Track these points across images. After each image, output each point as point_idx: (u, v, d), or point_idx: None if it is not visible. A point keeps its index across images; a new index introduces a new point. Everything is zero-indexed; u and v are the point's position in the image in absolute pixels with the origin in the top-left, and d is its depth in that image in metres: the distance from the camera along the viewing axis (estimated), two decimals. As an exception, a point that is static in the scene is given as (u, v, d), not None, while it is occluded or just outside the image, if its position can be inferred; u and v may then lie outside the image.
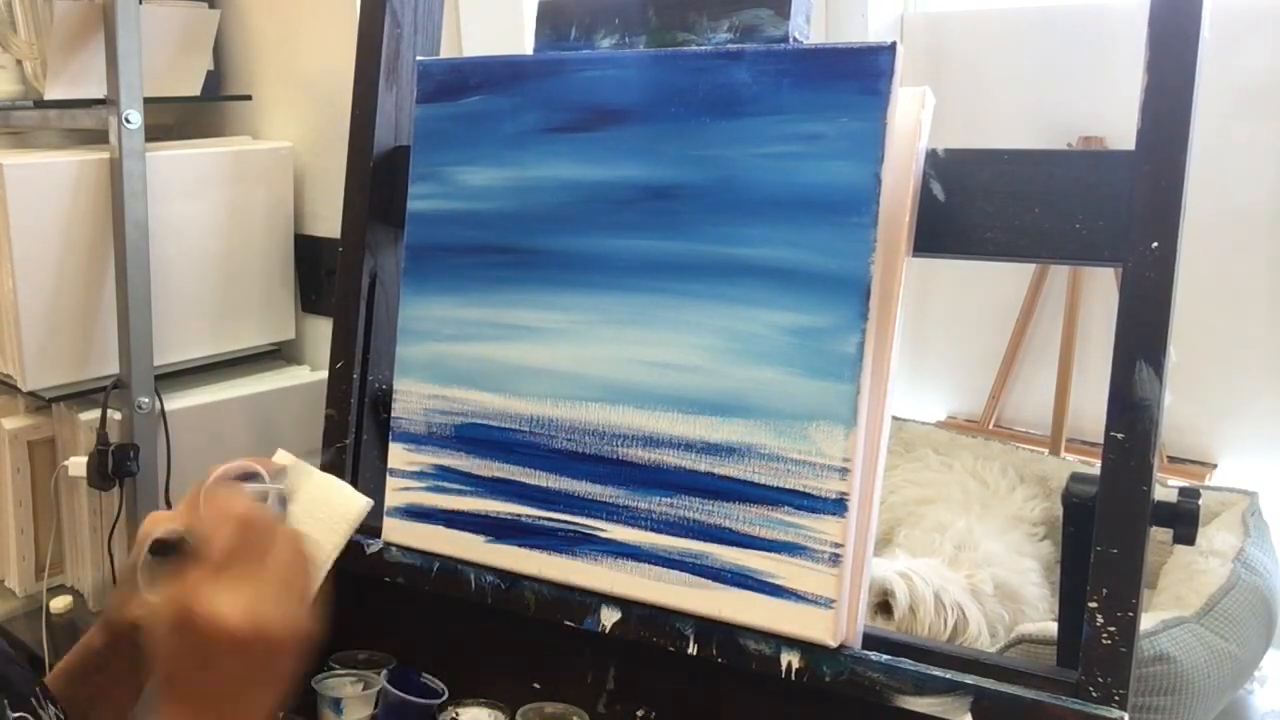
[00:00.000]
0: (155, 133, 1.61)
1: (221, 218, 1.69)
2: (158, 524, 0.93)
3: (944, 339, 2.11)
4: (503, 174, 1.08)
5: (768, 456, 0.93)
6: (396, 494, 1.13)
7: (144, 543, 0.92)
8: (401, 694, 1.06)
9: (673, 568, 0.97)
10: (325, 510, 0.94)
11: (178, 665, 0.70)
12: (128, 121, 1.50)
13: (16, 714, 0.75)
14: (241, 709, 0.70)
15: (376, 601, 1.18)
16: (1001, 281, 2.00)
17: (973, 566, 1.46)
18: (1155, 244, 0.86)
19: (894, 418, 1.29)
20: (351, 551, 1.14)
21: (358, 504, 0.92)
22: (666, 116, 1.00)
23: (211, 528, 0.73)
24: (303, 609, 0.74)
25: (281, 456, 0.97)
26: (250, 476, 0.98)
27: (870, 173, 0.90)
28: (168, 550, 0.96)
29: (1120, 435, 0.86)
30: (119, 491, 1.57)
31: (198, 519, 0.75)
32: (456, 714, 1.07)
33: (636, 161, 1.01)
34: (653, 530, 0.98)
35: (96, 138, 1.63)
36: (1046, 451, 1.83)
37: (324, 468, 1.23)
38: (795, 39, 0.98)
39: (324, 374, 1.29)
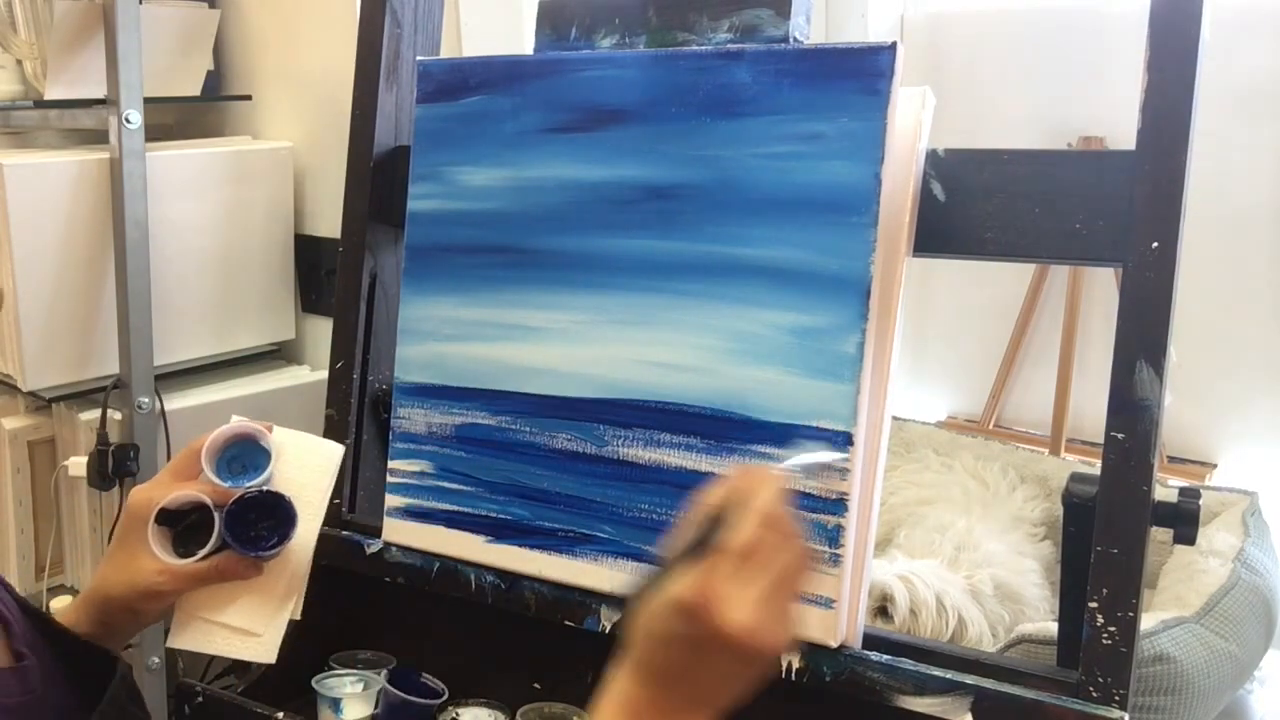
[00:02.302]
0: (155, 133, 1.61)
1: (221, 218, 1.69)
2: (143, 494, 0.97)
3: (944, 339, 2.11)
4: (503, 174, 1.08)
5: (768, 456, 0.93)
6: (396, 494, 1.13)
7: (138, 514, 0.94)
8: (401, 694, 1.06)
9: (673, 568, 0.97)
10: (310, 457, 1.07)
11: (667, 645, 0.68)
12: (128, 121, 1.50)
13: None
14: (712, 696, 0.70)
15: (376, 601, 1.18)
16: (1001, 281, 2.01)
17: (973, 567, 1.46)
18: (1155, 244, 0.86)
19: (894, 418, 1.29)
20: (352, 551, 1.14)
21: (335, 447, 1.05)
22: (667, 116, 1.00)
23: (737, 518, 0.69)
24: (794, 619, 0.71)
25: (236, 420, 1.02)
26: (245, 437, 1.02)
27: (870, 173, 0.90)
28: (173, 519, 0.99)
29: (1120, 435, 0.86)
30: (119, 491, 1.57)
31: (730, 496, 0.71)
32: (456, 714, 1.07)
33: (637, 161, 1.01)
34: (653, 530, 0.98)
35: (96, 138, 1.63)
36: (1046, 451, 1.83)
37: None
38: (795, 39, 0.98)
39: (324, 374, 1.29)
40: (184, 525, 1.00)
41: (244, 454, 1.05)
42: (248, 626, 1.03)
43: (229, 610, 1.03)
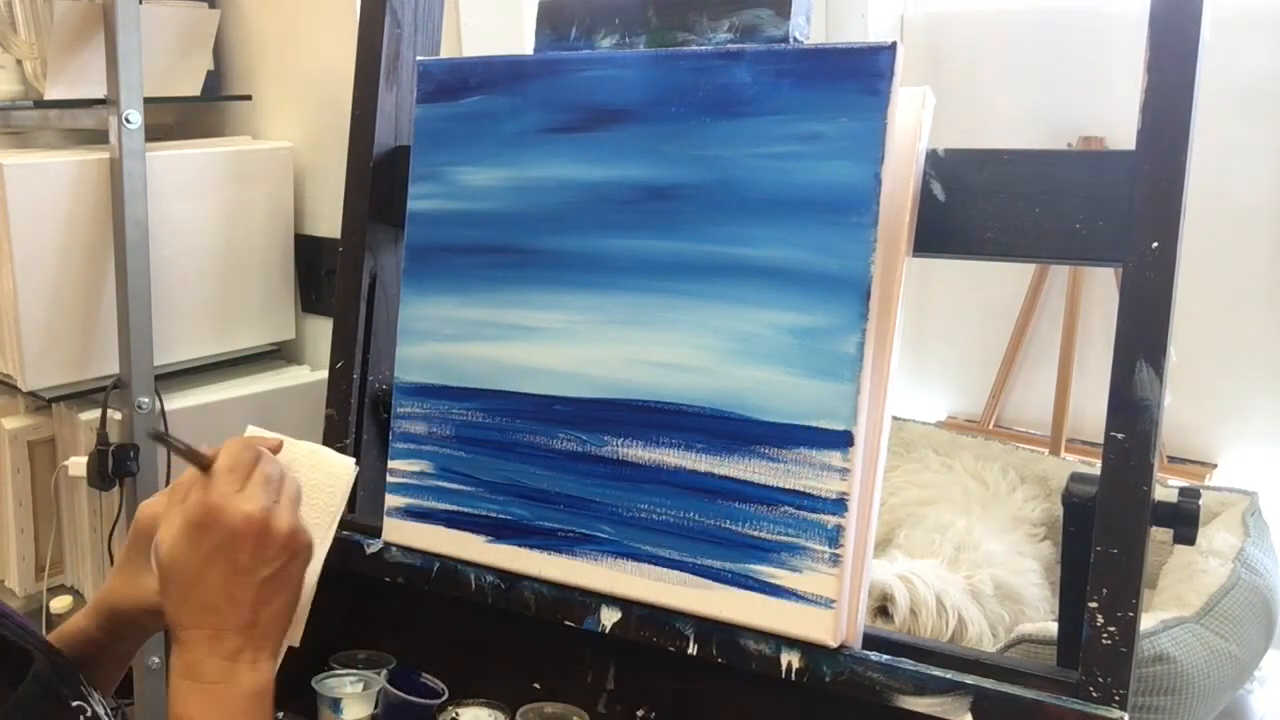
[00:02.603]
0: (155, 133, 1.61)
1: (221, 218, 1.69)
2: (150, 509, 0.96)
3: (944, 339, 2.11)
4: (503, 174, 1.08)
5: (768, 457, 0.93)
6: (396, 494, 1.13)
7: (145, 529, 0.94)
8: (401, 694, 1.06)
9: (673, 568, 0.97)
10: (320, 475, 1.04)
11: (198, 574, 0.76)
12: (128, 121, 1.50)
13: (75, 703, 0.77)
14: (267, 618, 0.77)
15: (376, 601, 1.18)
16: (1001, 281, 2.01)
17: (973, 567, 1.46)
18: (1155, 244, 0.86)
19: (894, 418, 1.29)
20: (351, 551, 1.14)
21: (347, 464, 1.02)
22: (667, 116, 1.00)
23: (230, 451, 0.81)
24: (294, 512, 0.81)
25: (252, 432, 1.00)
26: None
27: (870, 173, 0.90)
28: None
29: (1120, 435, 0.86)
30: (119, 491, 1.57)
31: (215, 451, 0.82)
32: (456, 714, 1.07)
33: (637, 161, 1.01)
34: (653, 530, 0.98)
35: (96, 138, 1.63)
36: (1046, 451, 1.83)
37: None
38: (795, 39, 0.98)
39: (324, 374, 1.29)
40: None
41: None
42: None
43: None
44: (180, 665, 0.76)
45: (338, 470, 1.03)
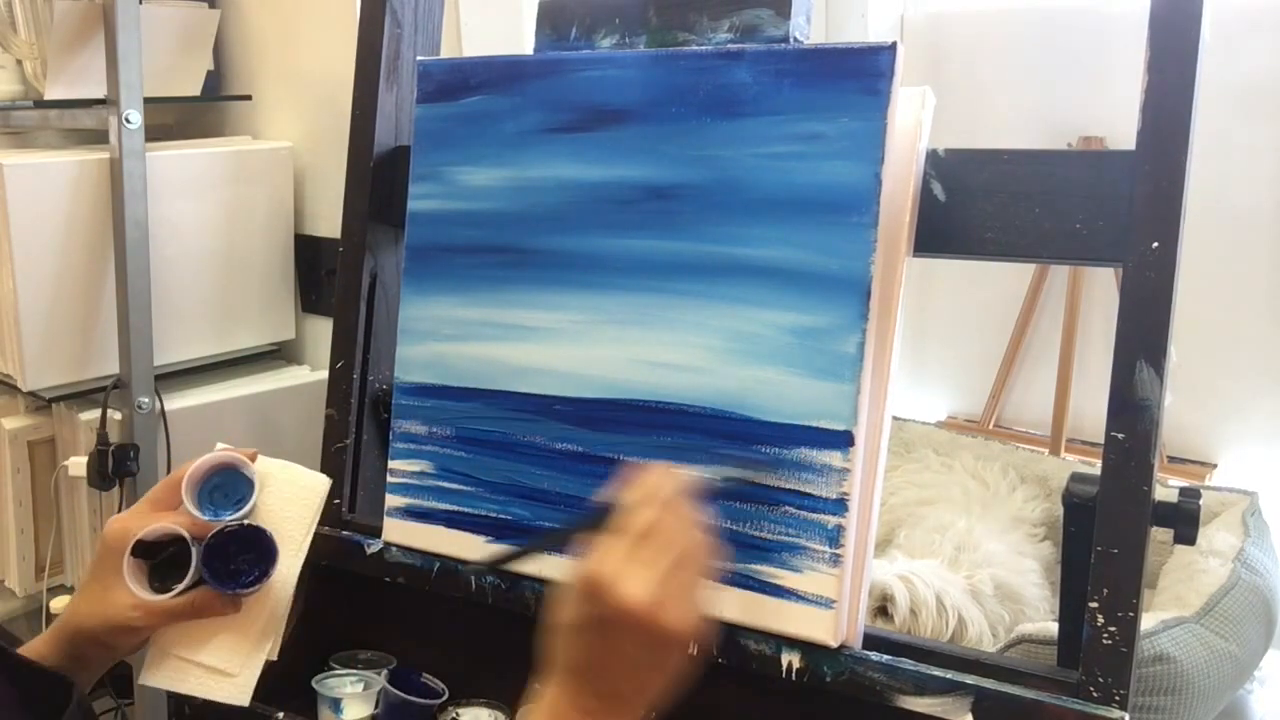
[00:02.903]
0: (155, 133, 1.61)
1: (221, 218, 1.69)
2: (120, 524, 0.93)
3: (944, 339, 2.11)
4: (503, 174, 1.08)
5: (768, 457, 0.93)
6: (396, 494, 1.13)
7: (115, 545, 0.91)
8: (401, 694, 1.06)
9: (673, 568, 0.97)
10: (294, 489, 1.02)
11: (576, 633, 0.71)
12: (128, 121, 1.50)
13: None
14: (630, 688, 0.71)
15: (376, 601, 1.18)
16: (1001, 281, 2.01)
17: (973, 567, 1.46)
18: (1155, 244, 0.86)
19: (894, 418, 1.29)
20: (351, 551, 1.14)
21: (321, 480, 1.01)
22: (667, 116, 1.00)
23: (636, 504, 0.72)
24: (700, 606, 0.73)
25: (220, 448, 0.99)
26: (225, 467, 0.99)
27: (870, 173, 0.90)
28: (150, 552, 0.95)
29: (1120, 435, 0.86)
30: (119, 491, 1.57)
31: (625, 490, 0.74)
32: (456, 714, 1.07)
33: (637, 161, 1.01)
34: (653, 530, 0.98)
35: (96, 138, 1.63)
36: (1046, 451, 1.83)
37: (324, 468, 1.23)
38: (795, 39, 0.98)
39: (324, 374, 1.29)
40: (162, 558, 0.96)
41: (227, 484, 1.00)
42: (222, 666, 0.99)
43: (204, 649, 0.99)
44: (549, 694, 0.72)
45: (312, 484, 1.02)
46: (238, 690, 0.99)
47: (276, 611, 1.00)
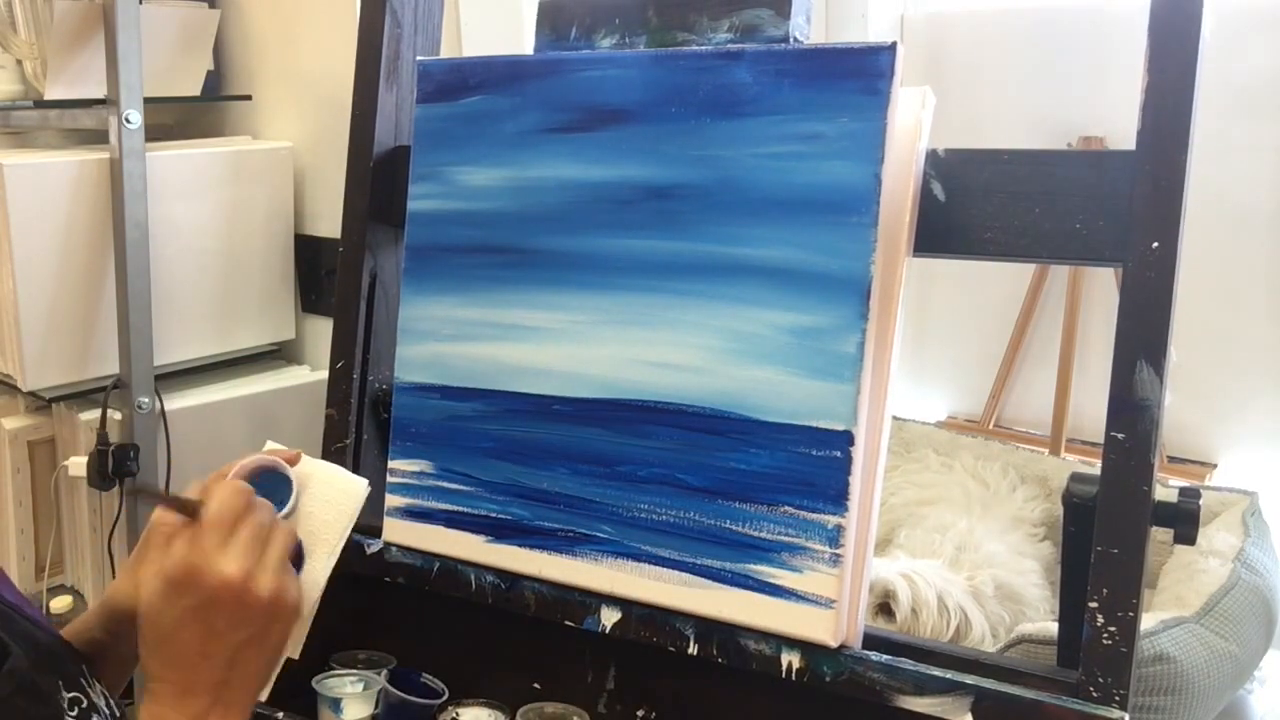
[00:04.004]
0: (155, 133, 1.61)
1: (221, 218, 1.69)
2: (170, 515, 0.94)
3: (944, 339, 2.11)
4: (503, 174, 1.08)
5: (767, 457, 0.93)
6: (396, 494, 1.13)
7: (155, 535, 0.93)
8: (401, 694, 1.06)
9: (673, 568, 0.97)
10: (333, 492, 1.02)
11: (173, 630, 0.73)
12: (128, 121, 1.50)
13: (70, 694, 0.76)
14: (238, 680, 0.74)
15: (376, 601, 1.18)
16: (1001, 281, 2.00)
17: (973, 568, 1.46)
18: (1155, 244, 0.86)
19: (894, 418, 1.29)
20: (351, 551, 1.14)
21: (360, 484, 0.99)
22: (667, 116, 1.00)
23: (220, 499, 0.77)
24: (294, 583, 0.78)
25: (271, 447, 0.99)
26: (266, 469, 0.99)
27: (870, 173, 0.90)
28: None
29: (1120, 435, 0.86)
30: (119, 491, 1.57)
31: (204, 492, 0.79)
32: (456, 714, 1.07)
33: (637, 161, 1.01)
34: (653, 530, 0.98)
35: (96, 138, 1.63)
36: (1046, 451, 1.83)
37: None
38: (795, 39, 0.98)
39: (324, 374, 1.29)
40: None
41: (271, 485, 1.01)
42: None
43: None
44: (146, 714, 0.74)
45: (351, 489, 1.02)
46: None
47: (301, 612, 1.00)
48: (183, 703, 0.73)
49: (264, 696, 0.95)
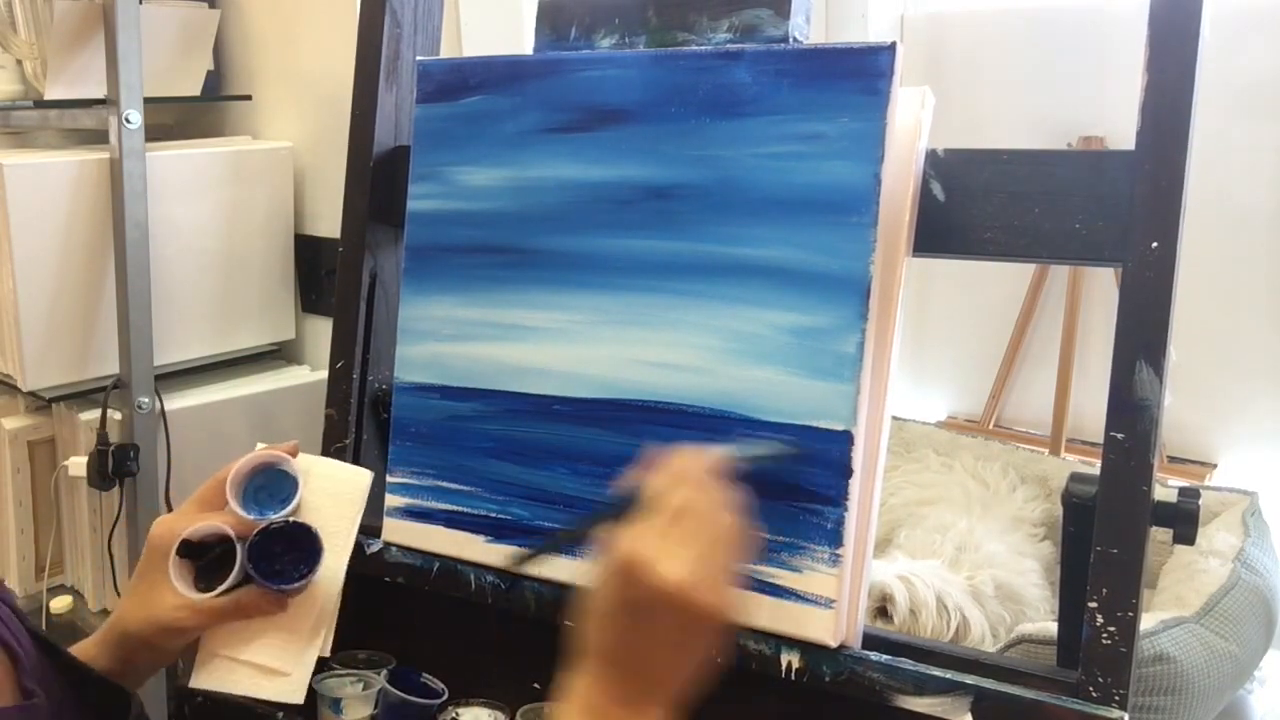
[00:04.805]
0: (155, 133, 1.61)
1: (221, 218, 1.70)
2: (166, 525, 0.93)
3: (944, 339, 2.11)
4: (503, 174, 1.08)
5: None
6: (396, 494, 1.13)
7: (160, 545, 0.91)
8: (401, 694, 1.06)
9: (673, 568, 0.97)
10: (337, 485, 1.00)
11: (610, 617, 0.69)
12: (128, 121, 1.50)
13: None
14: (666, 672, 0.69)
15: (376, 601, 1.18)
16: (1001, 281, 2.01)
17: (973, 568, 1.46)
18: (1155, 244, 0.86)
19: (894, 418, 1.29)
20: (352, 551, 1.14)
21: (364, 475, 1.00)
22: (666, 116, 1.00)
23: (666, 486, 0.72)
24: (734, 581, 0.72)
25: (261, 447, 0.99)
26: (270, 465, 0.99)
27: (870, 173, 0.90)
28: (197, 552, 0.95)
29: (1120, 435, 0.86)
30: (119, 491, 1.57)
31: (653, 474, 0.73)
32: (456, 714, 1.07)
33: (637, 161, 1.01)
34: (653, 530, 0.98)
35: (96, 138, 1.63)
36: (1046, 451, 1.83)
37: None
38: (795, 39, 0.98)
39: (324, 374, 1.29)
40: (208, 558, 0.96)
41: (271, 483, 1.00)
42: (274, 664, 0.97)
43: (253, 647, 0.97)
44: (582, 701, 0.70)
45: (355, 480, 1.02)
46: (291, 688, 0.97)
47: (326, 607, 1.00)
48: (610, 684, 0.70)
49: (326, 652, 0.95)
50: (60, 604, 1.68)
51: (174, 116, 1.89)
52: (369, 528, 1.16)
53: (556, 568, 1.03)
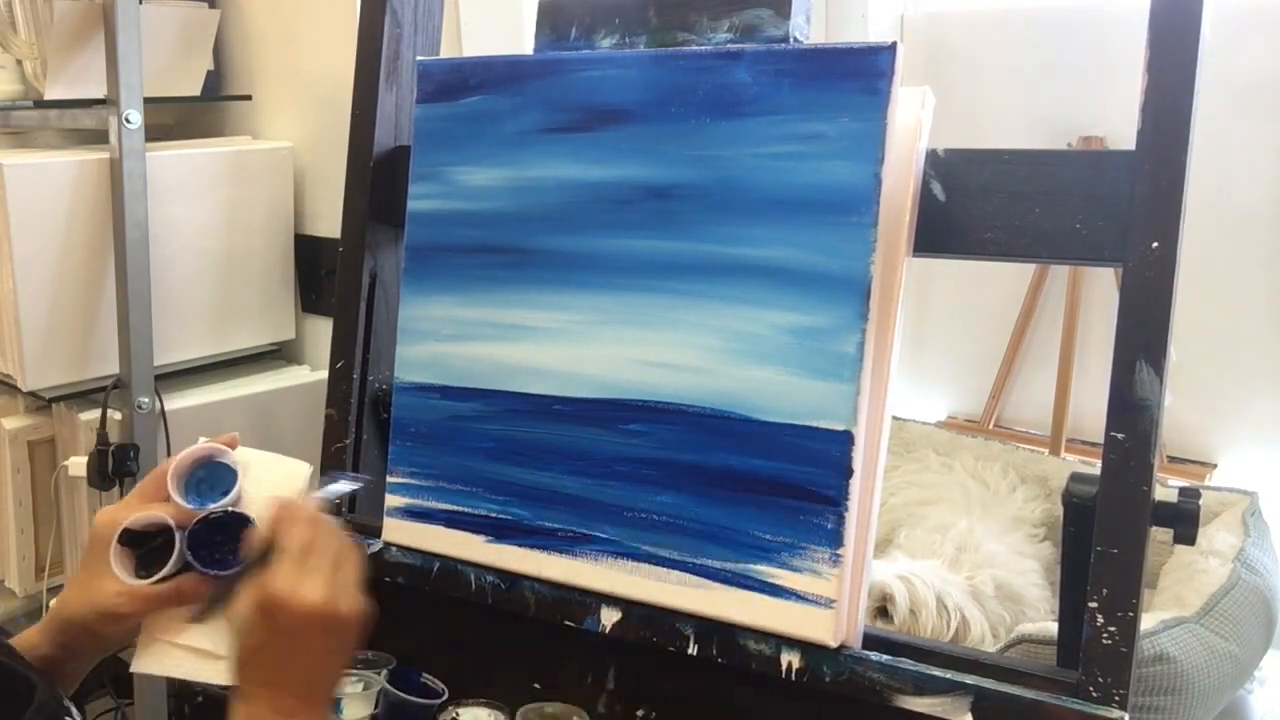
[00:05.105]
0: (155, 133, 1.61)
1: (221, 218, 1.69)
2: (108, 515, 0.96)
3: (944, 339, 2.11)
4: (503, 174, 1.08)
5: (768, 457, 0.93)
6: (396, 494, 1.13)
7: (103, 535, 0.94)
8: (401, 694, 1.06)
9: (673, 568, 0.97)
10: (277, 477, 1.03)
11: (266, 650, 0.80)
12: (128, 121, 1.50)
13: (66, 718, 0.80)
14: (321, 681, 0.82)
15: (376, 601, 1.18)
16: (1001, 281, 2.00)
17: (974, 568, 1.46)
18: (1155, 244, 0.86)
19: (894, 418, 1.29)
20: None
21: (302, 466, 1.02)
22: (667, 116, 1.00)
23: (285, 532, 0.83)
24: (362, 592, 0.84)
25: (203, 441, 1.01)
26: (209, 459, 1.01)
27: (870, 173, 0.90)
28: (139, 541, 0.97)
29: (1120, 435, 0.86)
30: (119, 491, 1.57)
31: (274, 522, 0.85)
32: (456, 714, 1.07)
33: (637, 161, 1.01)
34: (653, 530, 0.98)
35: (96, 138, 1.63)
36: (1046, 451, 1.83)
37: (324, 468, 1.23)
38: (795, 39, 0.98)
39: (324, 374, 1.29)
40: (149, 548, 0.98)
41: (213, 475, 1.02)
42: (209, 648, 0.98)
43: (190, 632, 0.98)
44: (244, 712, 0.80)
45: (293, 470, 1.03)
46: (224, 671, 0.99)
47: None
48: (275, 703, 0.80)
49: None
50: (60, 604, 1.67)
51: (174, 116, 1.89)
52: (369, 528, 1.16)
53: (558, 568, 1.03)
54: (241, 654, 0.81)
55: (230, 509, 0.98)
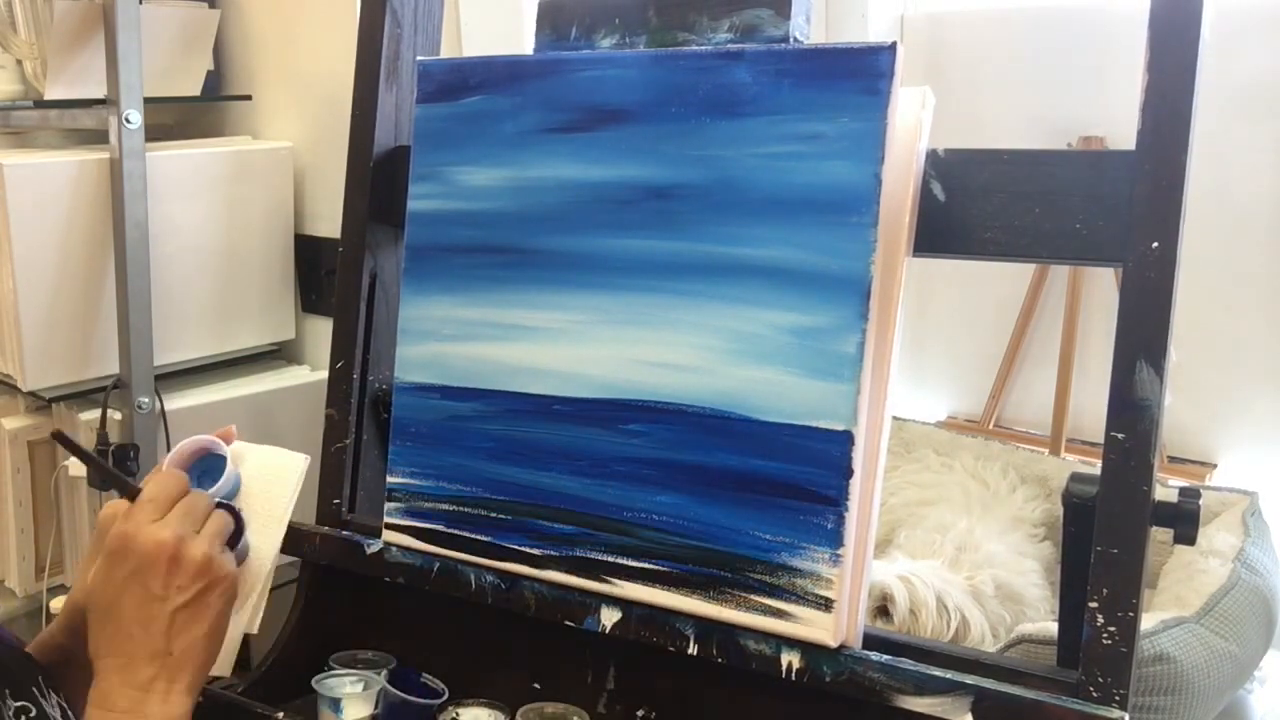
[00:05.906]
0: (155, 133, 1.61)
1: (221, 218, 1.69)
2: (111, 509, 0.96)
3: (944, 339, 2.11)
4: (503, 174, 1.08)
5: (768, 457, 0.93)
6: (397, 494, 1.13)
7: (106, 527, 0.95)
8: (401, 694, 1.06)
9: (673, 567, 0.97)
10: (270, 467, 1.05)
11: (115, 608, 0.77)
12: (128, 121, 1.50)
13: (18, 703, 0.77)
14: (183, 649, 0.78)
15: (376, 601, 1.18)
16: (1001, 281, 2.00)
17: (974, 568, 1.46)
18: (1155, 244, 0.86)
19: (894, 418, 1.29)
20: (352, 551, 1.14)
21: (298, 457, 1.03)
22: (667, 116, 1.00)
23: (156, 481, 0.84)
24: (229, 557, 0.84)
25: (197, 435, 1.02)
26: (206, 451, 1.01)
27: (870, 173, 0.90)
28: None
29: (1120, 435, 0.86)
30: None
31: (146, 483, 0.85)
32: (456, 714, 1.07)
33: (637, 161, 1.01)
34: (653, 530, 0.98)
35: (96, 138, 1.63)
36: (1046, 451, 1.83)
37: (324, 468, 1.23)
38: (795, 39, 0.98)
39: (324, 374, 1.29)
40: None
41: (212, 468, 1.03)
42: None
43: None
44: (94, 695, 0.77)
45: (289, 462, 1.04)
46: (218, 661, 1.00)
47: (254, 586, 1.01)
48: (127, 675, 0.76)
49: (254, 629, 0.98)
50: (60, 604, 1.67)
51: (174, 116, 1.89)
52: (369, 528, 1.16)
53: (558, 568, 1.03)
54: (91, 618, 0.79)
55: (217, 500, 0.99)
